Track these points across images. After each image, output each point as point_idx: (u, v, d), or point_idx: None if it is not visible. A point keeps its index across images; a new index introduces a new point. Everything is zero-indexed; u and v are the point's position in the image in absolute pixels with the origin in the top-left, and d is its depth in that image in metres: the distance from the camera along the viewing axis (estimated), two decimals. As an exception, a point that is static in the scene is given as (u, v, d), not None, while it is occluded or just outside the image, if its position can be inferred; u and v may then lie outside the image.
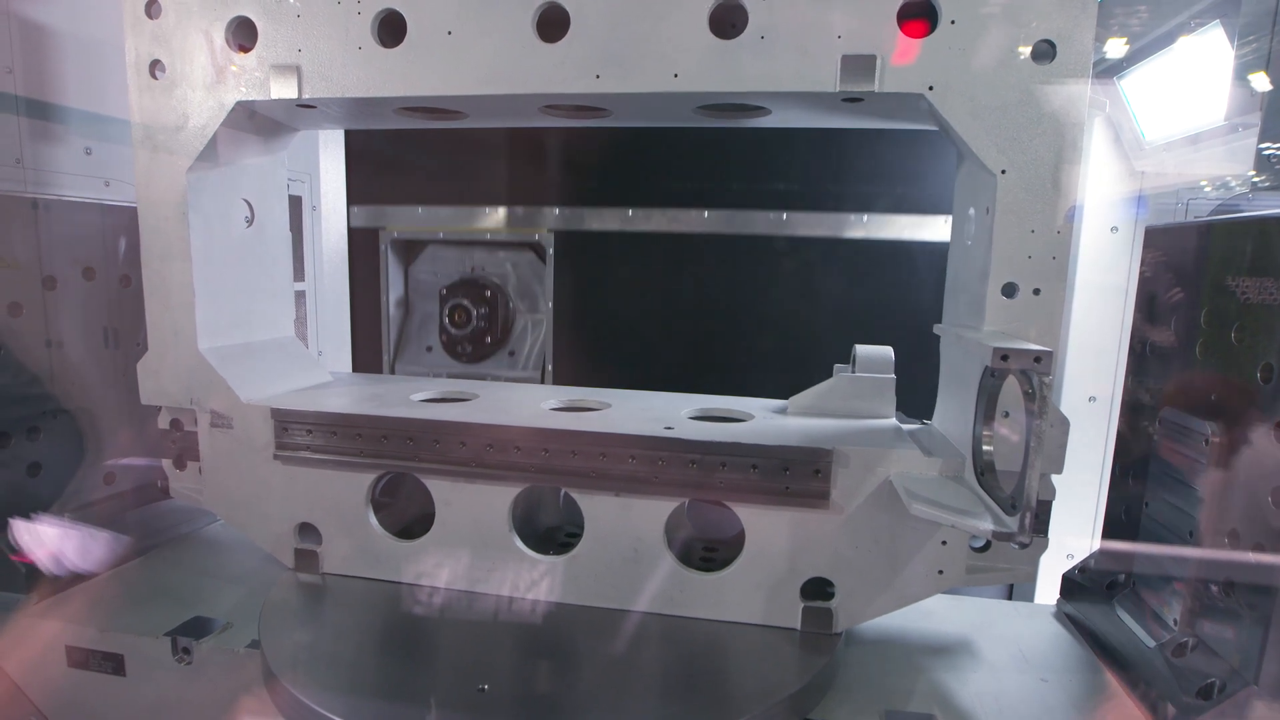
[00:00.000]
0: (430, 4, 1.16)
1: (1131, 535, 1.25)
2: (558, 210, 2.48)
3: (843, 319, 2.36)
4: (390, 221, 2.60)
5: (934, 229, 2.30)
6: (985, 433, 1.05)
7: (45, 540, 1.36)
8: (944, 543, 1.13)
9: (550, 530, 1.45)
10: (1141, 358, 1.26)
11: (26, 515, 1.37)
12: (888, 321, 2.28)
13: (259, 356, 1.46)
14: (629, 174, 2.45)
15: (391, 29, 1.19)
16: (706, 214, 2.39)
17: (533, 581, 1.27)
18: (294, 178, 2.31)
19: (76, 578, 1.39)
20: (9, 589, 1.32)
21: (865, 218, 2.33)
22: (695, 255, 2.42)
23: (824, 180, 2.33)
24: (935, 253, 2.27)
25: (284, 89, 1.22)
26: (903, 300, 2.29)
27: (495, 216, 2.52)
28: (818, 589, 1.19)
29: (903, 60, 1.06)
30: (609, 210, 2.44)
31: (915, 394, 1.35)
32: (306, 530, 1.37)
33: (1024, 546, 0.93)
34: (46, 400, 1.45)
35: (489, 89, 1.17)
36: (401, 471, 1.30)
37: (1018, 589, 2.08)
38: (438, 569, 1.31)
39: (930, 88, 1.05)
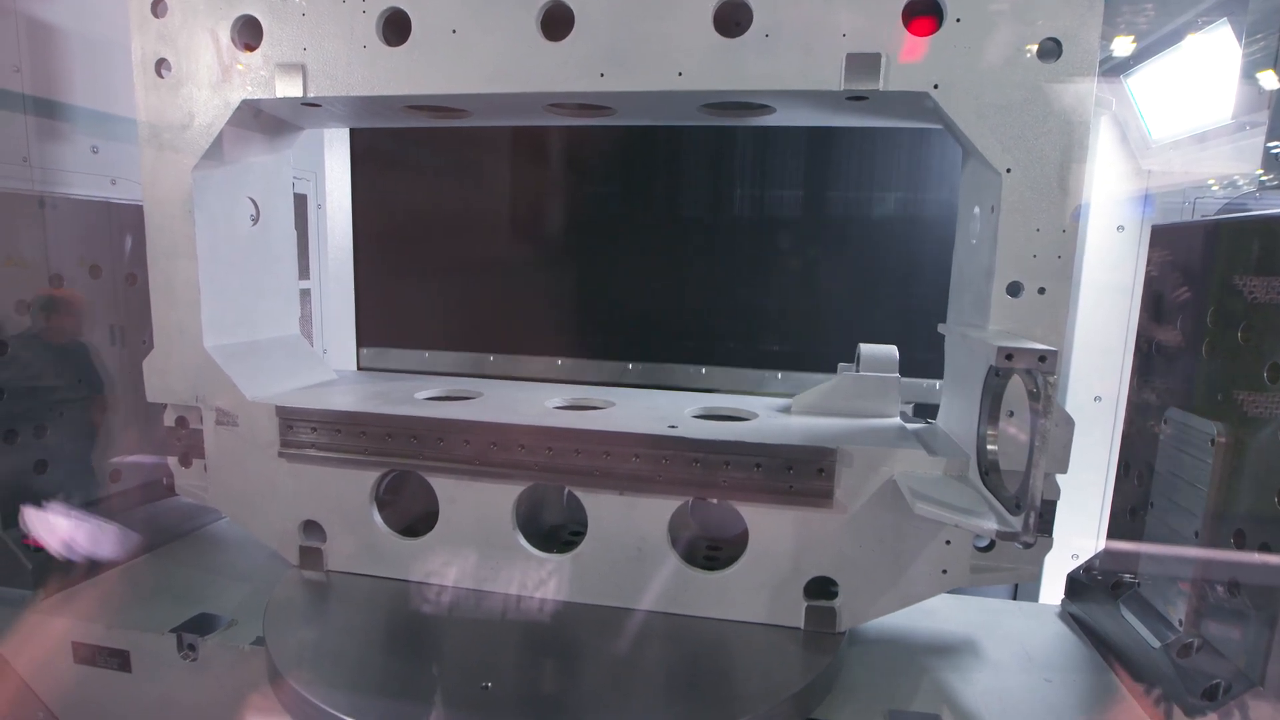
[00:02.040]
0: (435, 3, 1.16)
1: (1137, 535, 1.24)
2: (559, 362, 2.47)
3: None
4: (398, 364, 2.60)
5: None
6: (990, 432, 1.05)
7: (56, 527, 1.36)
8: (948, 542, 1.13)
9: (554, 528, 1.46)
10: (1147, 357, 1.26)
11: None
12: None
13: (264, 354, 1.46)
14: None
15: (396, 28, 1.19)
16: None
17: (536, 579, 1.27)
18: (299, 176, 2.32)
19: (83, 573, 1.39)
20: (16, 585, 1.32)
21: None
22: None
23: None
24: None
25: (289, 88, 1.22)
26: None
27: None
28: (821, 588, 1.19)
29: (908, 58, 1.05)
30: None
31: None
32: (311, 528, 1.37)
33: (1028, 546, 0.93)
34: (52, 395, 1.46)
35: (493, 88, 1.17)
36: (406, 469, 1.30)
37: (1022, 589, 2.07)
38: (442, 567, 1.31)
39: (935, 86, 1.05)
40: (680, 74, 1.11)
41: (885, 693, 1.12)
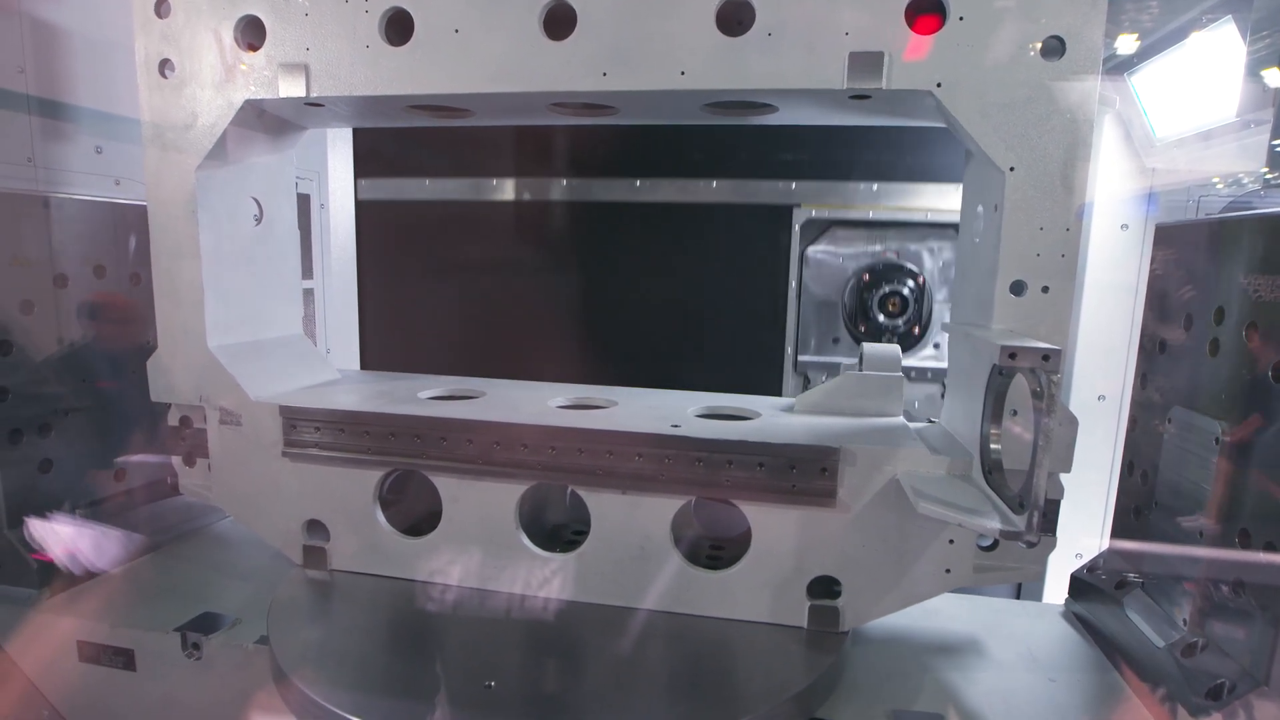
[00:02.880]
0: (437, 2, 1.16)
1: (1141, 535, 1.24)
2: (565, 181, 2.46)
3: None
4: (396, 194, 2.57)
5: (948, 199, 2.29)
6: (993, 431, 1.05)
7: (59, 538, 1.37)
8: (951, 541, 1.13)
9: (557, 528, 1.46)
10: (1151, 356, 1.26)
11: (39, 511, 1.38)
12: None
13: (267, 354, 1.46)
14: (638, 147, 2.44)
15: (399, 27, 1.19)
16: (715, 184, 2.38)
17: (540, 579, 1.27)
18: (302, 176, 2.32)
19: (88, 574, 1.40)
20: (21, 584, 1.33)
21: (875, 186, 2.30)
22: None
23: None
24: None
25: (292, 87, 1.22)
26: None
27: (505, 189, 2.51)
28: (824, 587, 1.19)
29: (911, 57, 1.05)
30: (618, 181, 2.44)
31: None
32: (314, 527, 1.37)
33: (1032, 545, 0.93)
34: (58, 398, 1.46)
35: (496, 87, 1.17)
36: (409, 469, 1.31)
37: (1026, 588, 2.07)
38: (445, 566, 1.31)
39: (938, 84, 1.05)
40: (683, 73, 1.11)
41: (888, 692, 1.12)
